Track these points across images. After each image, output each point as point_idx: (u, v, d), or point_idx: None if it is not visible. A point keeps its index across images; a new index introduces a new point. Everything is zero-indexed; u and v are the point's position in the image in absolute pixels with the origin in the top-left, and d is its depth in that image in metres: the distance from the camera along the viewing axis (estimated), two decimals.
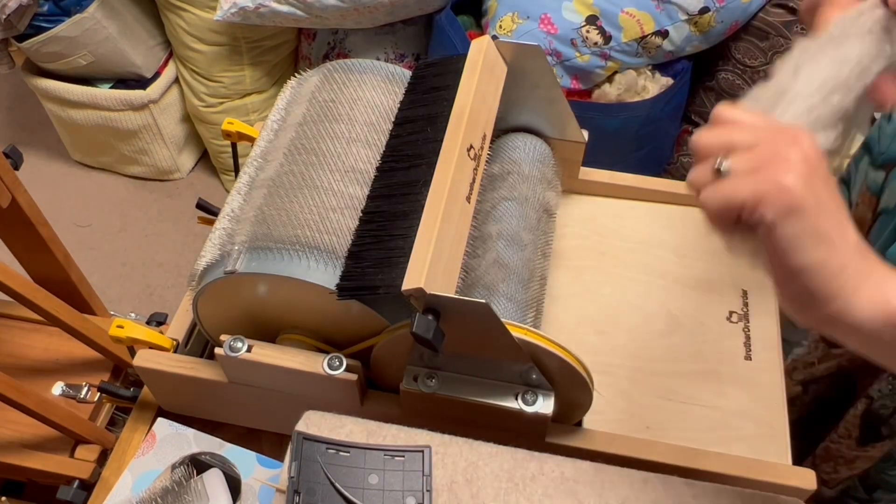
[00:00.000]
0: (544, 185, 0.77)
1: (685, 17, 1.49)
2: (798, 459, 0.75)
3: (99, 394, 0.87)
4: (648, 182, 0.85)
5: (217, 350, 0.66)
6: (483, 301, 0.55)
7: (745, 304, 0.77)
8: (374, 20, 1.69)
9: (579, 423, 0.69)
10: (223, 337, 0.66)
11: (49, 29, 1.74)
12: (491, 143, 0.72)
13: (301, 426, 0.58)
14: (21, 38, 1.76)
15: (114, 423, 0.92)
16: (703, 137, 0.45)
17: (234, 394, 0.71)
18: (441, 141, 0.66)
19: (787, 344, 0.82)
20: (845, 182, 0.81)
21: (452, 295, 0.56)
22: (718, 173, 0.43)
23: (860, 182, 0.75)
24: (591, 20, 1.48)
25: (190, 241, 1.97)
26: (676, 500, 0.56)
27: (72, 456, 0.86)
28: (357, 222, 0.66)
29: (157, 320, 0.92)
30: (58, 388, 0.90)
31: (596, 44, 1.47)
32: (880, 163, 0.72)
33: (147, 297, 1.85)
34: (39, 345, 0.96)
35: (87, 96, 1.87)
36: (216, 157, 2.04)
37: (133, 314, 1.03)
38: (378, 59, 1.79)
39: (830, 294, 0.42)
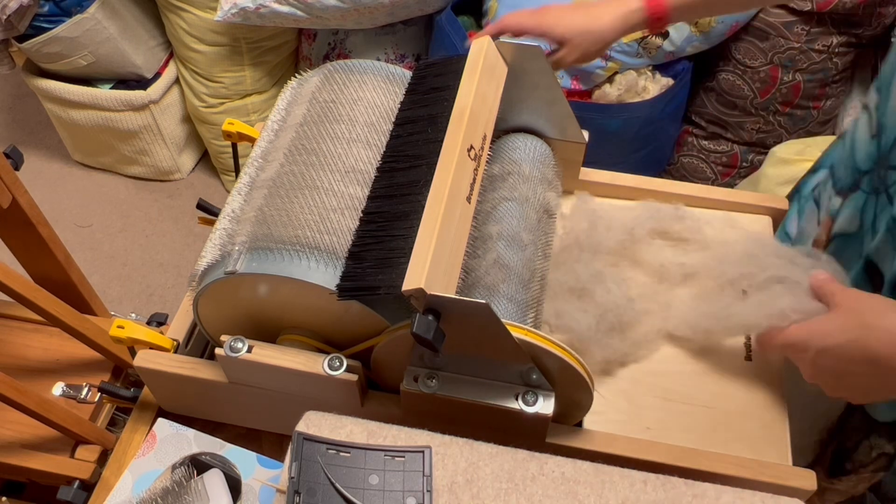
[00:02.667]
0: (545, 185, 0.77)
1: None
2: None
3: (99, 394, 0.87)
4: (649, 182, 0.85)
5: (217, 350, 0.66)
6: (483, 301, 0.55)
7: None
8: (374, 20, 1.69)
9: (580, 424, 0.69)
10: (223, 337, 0.66)
11: (50, 29, 1.74)
12: (491, 143, 0.72)
13: (301, 427, 0.58)
14: (22, 38, 1.76)
15: (114, 424, 0.92)
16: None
17: (234, 394, 0.71)
18: (441, 141, 0.66)
19: None
20: (817, 202, 0.85)
21: (453, 295, 0.56)
22: None
23: (825, 206, 0.80)
24: None
25: (190, 241, 1.97)
26: (676, 501, 0.56)
27: (72, 456, 0.86)
28: (357, 223, 0.66)
29: (158, 321, 0.92)
30: (58, 389, 0.90)
31: None
32: (837, 189, 0.77)
33: (147, 298, 1.85)
34: (40, 345, 0.96)
35: (88, 97, 1.87)
36: (216, 158, 2.04)
37: (133, 315, 1.04)
38: (378, 60, 1.79)
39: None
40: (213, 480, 0.66)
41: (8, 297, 0.80)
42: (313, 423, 0.59)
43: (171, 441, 0.70)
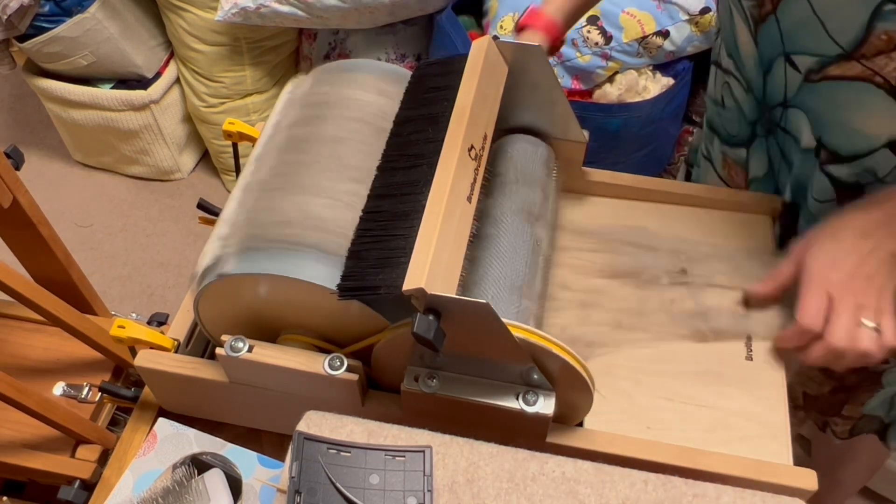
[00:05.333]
0: (545, 185, 0.77)
1: (686, 17, 1.49)
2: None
3: (100, 394, 0.87)
4: (649, 182, 0.85)
5: (218, 350, 0.66)
6: (484, 301, 0.55)
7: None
8: (374, 20, 1.69)
9: (580, 424, 0.69)
10: (224, 337, 0.66)
11: (50, 29, 1.74)
12: (492, 143, 0.72)
13: (302, 426, 0.58)
14: (22, 38, 1.76)
15: (115, 424, 0.92)
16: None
17: (235, 394, 0.71)
18: (442, 141, 0.66)
19: None
20: (707, 157, 1.00)
21: (453, 295, 0.56)
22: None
23: (719, 157, 0.94)
24: (592, 20, 1.48)
25: (191, 241, 1.97)
26: (677, 500, 0.56)
27: (73, 456, 0.86)
28: (353, 221, 0.66)
29: (158, 320, 0.92)
30: (59, 389, 0.90)
31: (597, 44, 1.47)
32: (735, 143, 0.89)
33: (148, 298, 1.85)
34: (40, 345, 0.96)
35: (88, 96, 1.87)
36: (217, 158, 2.04)
37: (134, 314, 1.03)
38: (379, 60, 1.79)
39: None
40: (214, 480, 0.66)
41: (8, 296, 0.80)
42: (314, 423, 0.59)
43: (172, 441, 0.70)
